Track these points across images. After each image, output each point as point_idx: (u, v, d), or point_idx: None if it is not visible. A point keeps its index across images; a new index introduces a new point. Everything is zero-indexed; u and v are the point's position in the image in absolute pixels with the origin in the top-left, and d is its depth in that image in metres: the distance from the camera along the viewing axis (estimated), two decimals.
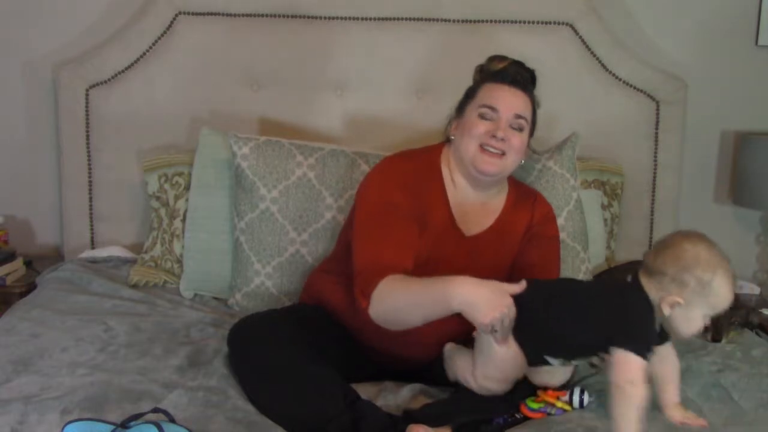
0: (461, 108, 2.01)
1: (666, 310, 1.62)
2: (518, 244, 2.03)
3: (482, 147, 1.91)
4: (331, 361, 1.81)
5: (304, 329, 1.90)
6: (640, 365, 1.58)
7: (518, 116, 1.93)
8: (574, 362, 1.78)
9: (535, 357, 1.73)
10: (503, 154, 1.92)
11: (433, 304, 1.71)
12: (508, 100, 1.92)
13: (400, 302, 1.75)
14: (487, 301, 1.64)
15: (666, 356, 1.71)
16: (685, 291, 1.60)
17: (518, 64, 2.00)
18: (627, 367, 1.58)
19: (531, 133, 2.00)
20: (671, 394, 1.72)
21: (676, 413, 1.70)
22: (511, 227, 2.03)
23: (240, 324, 1.91)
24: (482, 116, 1.92)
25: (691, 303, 1.61)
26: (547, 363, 1.74)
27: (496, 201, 2.05)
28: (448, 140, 2.04)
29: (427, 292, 1.71)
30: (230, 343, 1.90)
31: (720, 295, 1.61)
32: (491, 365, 1.73)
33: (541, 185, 2.34)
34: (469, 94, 2.00)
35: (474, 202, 2.00)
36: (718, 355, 2.05)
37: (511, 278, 1.82)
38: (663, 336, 1.69)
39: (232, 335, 1.90)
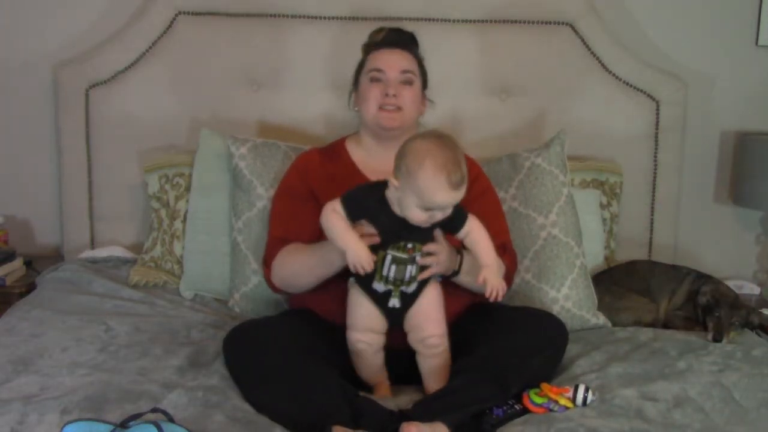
0: (356, 81, 2.21)
1: (390, 190, 1.81)
2: None
3: (381, 108, 2.11)
4: (329, 362, 1.82)
5: (299, 332, 1.91)
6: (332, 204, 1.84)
7: (404, 71, 2.13)
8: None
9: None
10: (400, 108, 2.11)
11: (319, 265, 1.96)
12: (391, 60, 2.13)
13: (294, 268, 2.04)
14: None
15: (469, 231, 1.89)
16: (399, 175, 1.78)
17: (396, 30, 2.21)
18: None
19: (425, 86, 2.22)
20: (482, 258, 1.88)
21: (484, 272, 1.85)
22: None
23: (234, 331, 1.92)
24: (373, 80, 2.13)
25: (404, 188, 1.77)
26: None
27: None
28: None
29: (313, 257, 1.98)
30: (226, 350, 1.90)
31: (423, 187, 1.75)
32: (354, 316, 1.90)
33: (531, 182, 2.38)
34: (360, 67, 2.20)
35: (385, 160, 1.99)
36: (718, 355, 2.05)
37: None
38: (459, 220, 1.87)
39: (227, 342, 1.90)
